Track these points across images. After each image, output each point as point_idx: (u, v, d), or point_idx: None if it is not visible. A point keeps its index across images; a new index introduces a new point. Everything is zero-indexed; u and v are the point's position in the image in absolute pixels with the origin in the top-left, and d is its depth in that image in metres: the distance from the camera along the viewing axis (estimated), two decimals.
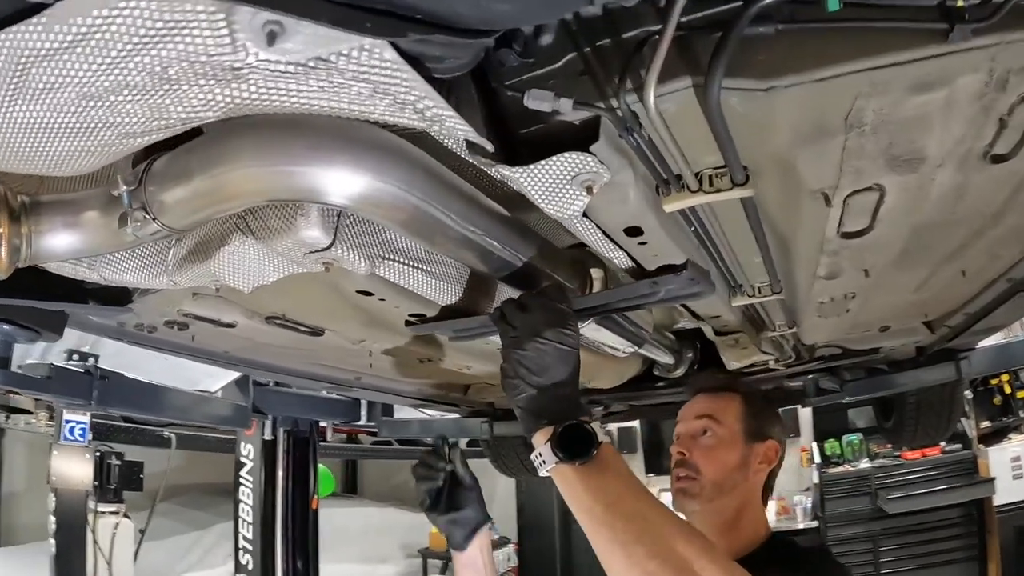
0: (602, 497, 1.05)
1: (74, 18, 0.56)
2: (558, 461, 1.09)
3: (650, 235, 1.09)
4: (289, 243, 1.03)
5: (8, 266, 0.96)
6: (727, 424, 1.61)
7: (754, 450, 1.60)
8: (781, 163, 1.02)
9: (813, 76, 0.82)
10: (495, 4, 0.59)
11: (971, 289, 1.96)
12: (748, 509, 1.56)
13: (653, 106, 0.75)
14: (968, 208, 1.29)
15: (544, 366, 1.10)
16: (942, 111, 0.91)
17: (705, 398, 1.69)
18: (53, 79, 0.64)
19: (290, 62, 0.62)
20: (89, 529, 3.63)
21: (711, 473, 1.55)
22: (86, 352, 3.48)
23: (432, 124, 0.74)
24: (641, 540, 1.00)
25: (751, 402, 1.67)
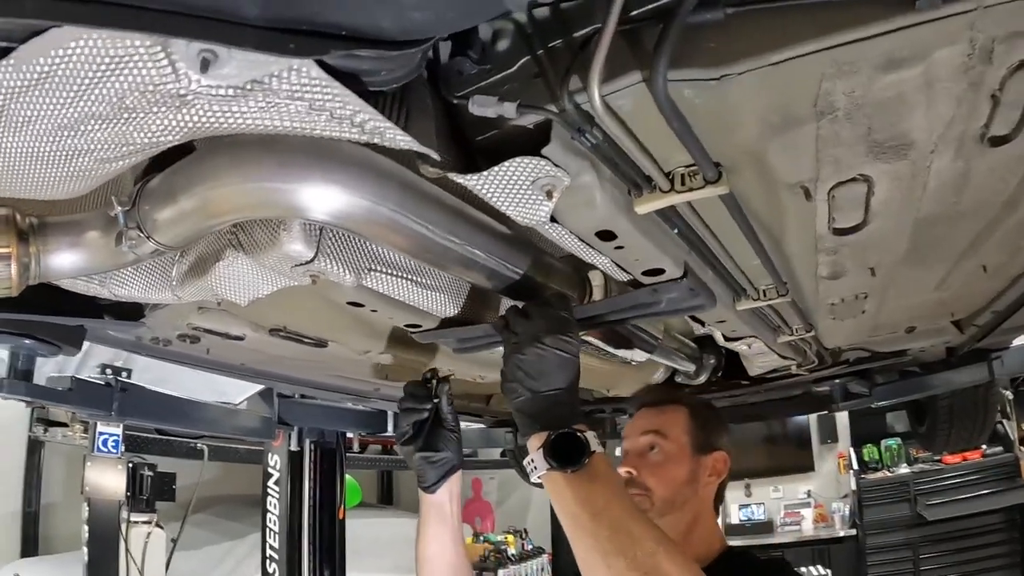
0: (589, 506, 1.06)
1: (36, 58, 0.61)
2: (549, 468, 1.09)
3: (625, 239, 1.07)
4: (275, 257, 1.06)
5: (19, 283, 1.01)
6: (674, 438, 1.59)
7: (702, 463, 1.59)
8: (753, 157, 0.99)
9: (768, 60, 0.77)
10: (413, 15, 0.61)
11: (995, 286, 1.89)
12: (700, 523, 1.55)
13: (599, 104, 0.73)
14: (975, 198, 1.22)
15: (542, 371, 1.11)
16: (923, 90, 0.86)
17: (650, 412, 1.67)
18: (30, 112, 0.70)
19: (229, 86, 0.66)
20: (122, 538, 3.71)
21: (661, 490, 1.53)
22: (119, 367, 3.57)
23: (373, 136, 0.76)
24: (624, 552, 1.00)
25: (697, 414, 1.65)
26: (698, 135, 0.86)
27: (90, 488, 3.72)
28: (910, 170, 1.06)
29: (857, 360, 2.85)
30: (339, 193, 0.82)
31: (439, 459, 1.48)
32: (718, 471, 1.60)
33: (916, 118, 0.92)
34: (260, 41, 0.60)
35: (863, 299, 1.75)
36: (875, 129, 0.94)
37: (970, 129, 0.98)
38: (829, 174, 1.05)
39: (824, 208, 1.16)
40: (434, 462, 1.48)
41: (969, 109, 0.92)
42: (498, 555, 7.48)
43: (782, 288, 1.50)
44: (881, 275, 1.58)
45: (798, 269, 1.49)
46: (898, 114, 0.91)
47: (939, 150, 1.02)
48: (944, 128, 0.96)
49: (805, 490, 8.16)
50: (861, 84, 0.83)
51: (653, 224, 1.08)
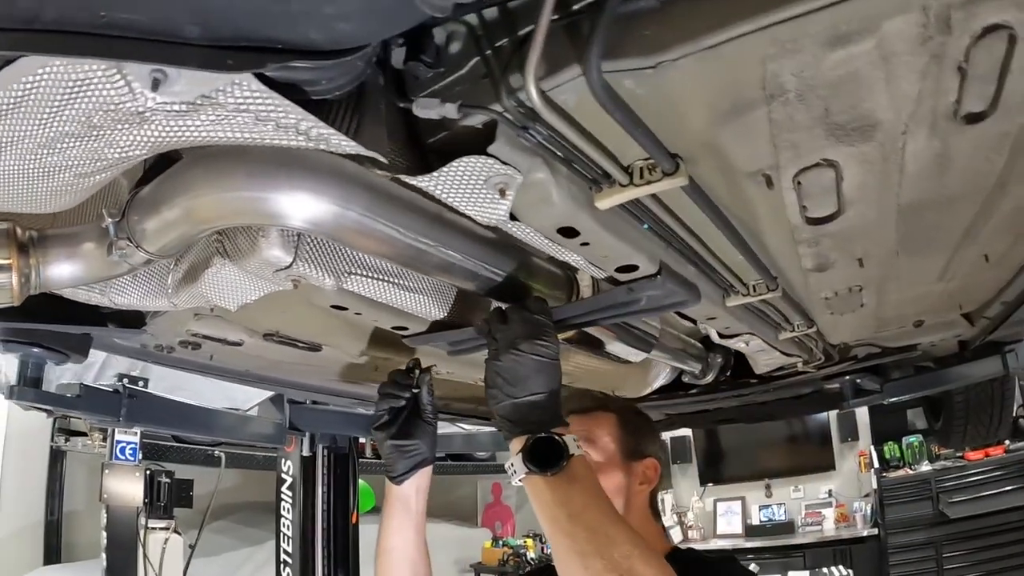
0: (567, 508, 1.06)
1: (10, 84, 0.68)
2: (528, 472, 1.10)
3: (589, 235, 1.07)
4: (256, 263, 1.09)
5: (20, 293, 1.06)
6: (602, 445, 1.54)
7: (633, 469, 1.54)
8: (707, 146, 0.97)
9: (703, 44, 0.75)
10: (338, 26, 0.64)
11: (1002, 276, 1.85)
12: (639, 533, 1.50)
13: (537, 100, 0.74)
14: (961, 180, 1.18)
15: (520, 377, 1.12)
16: (879, 65, 0.82)
17: (577, 419, 1.57)
18: (12, 133, 0.76)
19: (182, 102, 0.71)
20: (140, 544, 3.78)
21: None
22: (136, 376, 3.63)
23: (319, 143, 0.79)
24: (600, 554, 1.01)
25: (627, 420, 1.61)
26: (649, 126, 0.86)
27: (108, 495, 3.80)
28: (880, 153, 1.03)
29: (867, 356, 2.82)
30: (307, 199, 0.85)
31: (410, 449, 1.46)
32: (649, 478, 1.56)
33: (878, 97, 0.89)
34: (202, 59, 0.64)
35: (858, 292, 1.72)
36: (833, 111, 0.91)
37: (941, 106, 0.94)
38: (789, 160, 1.03)
39: (792, 197, 1.14)
40: (405, 451, 1.46)
41: (935, 84, 0.88)
42: (517, 559, 7.48)
43: (771, 283, 1.49)
44: (872, 266, 1.55)
45: (782, 262, 1.47)
46: (856, 93, 0.88)
47: (911, 130, 0.98)
48: (913, 106, 0.92)
49: (826, 489, 8.07)
50: (809, 63, 0.80)
51: (619, 220, 1.09)
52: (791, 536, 7.85)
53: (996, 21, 0.77)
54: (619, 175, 0.94)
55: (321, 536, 3.54)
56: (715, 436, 8.68)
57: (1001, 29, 0.78)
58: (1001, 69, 0.86)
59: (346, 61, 0.70)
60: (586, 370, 2.15)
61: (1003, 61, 0.84)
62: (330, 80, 0.75)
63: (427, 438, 1.48)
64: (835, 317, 1.96)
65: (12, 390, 1.84)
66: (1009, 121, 0.97)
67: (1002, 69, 0.86)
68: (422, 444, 1.47)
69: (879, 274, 1.63)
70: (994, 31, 0.79)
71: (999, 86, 0.89)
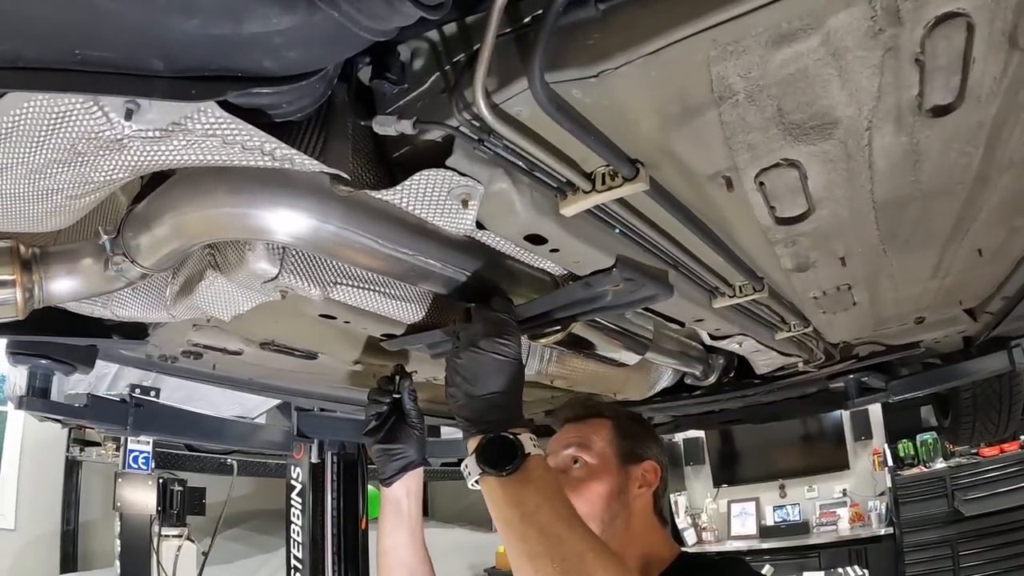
0: (519, 508, 1.04)
1: (1, 117, 0.74)
2: (481, 472, 1.09)
3: (557, 241, 1.08)
4: (244, 275, 1.12)
5: (24, 307, 1.10)
6: (597, 450, 1.54)
7: (631, 473, 1.53)
8: (663, 151, 0.98)
9: (643, 51, 0.75)
10: (288, 54, 0.68)
11: (999, 270, 1.83)
12: (639, 536, 1.49)
13: (487, 113, 0.76)
14: (938, 175, 1.15)
15: (477, 375, 1.11)
16: (829, 62, 0.81)
17: (574, 427, 1.62)
18: (5, 160, 0.82)
19: (155, 129, 0.76)
20: (153, 551, 3.84)
21: (585, 508, 1.42)
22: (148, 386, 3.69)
23: (283, 163, 0.83)
24: (551, 555, 0.98)
25: (622, 425, 1.60)
26: (604, 133, 0.87)
27: (122, 503, 3.88)
28: (843, 151, 1.01)
29: (870, 355, 2.81)
30: (286, 214, 0.89)
31: (397, 452, 1.48)
32: (648, 481, 1.54)
33: (833, 94, 0.87)
34: (168, 90, 0.70)
35: (847, 290, 1.72)
36: (787, 110, 0.90)
37: (904, 100, 0.92)
38: (747, 161, 1.02)
39: (758, 198, 1.13)
40: (392, 455, 1.48)
41: (895, 78, 0.86)
42: None
43: (757, 284, 1.49)
44: (857, 264, 1.54)
45: (762, 263, 1.47)
46: (809, 91, 0.86)
47: (876, 126, 0.96)
48: (873, 102, 0.91)
49: (840, 489, 8.03)
50: (755, 64, 0.80)
51: (588, 225, 1.10)
52: (806, 536, 7.81)
53: (949, 9, 0.76)
54: (582, 182, 0.96)
55: (331, 542, 3.56)
56: (729, 437, 8.65)
57: (957, 17, 0.77)
58: (964, 59, 0.84)
59: (303, 85, 0.73)
60: (585, 374, 2.16)
61: (964, 50, 0.83)
62: (290, 103, 0.78)
63: (413, 441, 1.50)
64: (829, 316, 1.95)
65: (21, 400, 1.89)
66: (981, 111, 0.96)
67: (964, 59, 0.84)
68: (408, 447, 1.49)
69: (867, 272, 1.62)
70: (949, 20, 0.77)
71: (964, 76, 0.87)
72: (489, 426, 1.12)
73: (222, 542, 5.18)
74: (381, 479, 1.51)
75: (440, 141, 0.90)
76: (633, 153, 0.95)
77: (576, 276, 1.24)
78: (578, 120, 0.83)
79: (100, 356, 1.80)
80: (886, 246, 1.47)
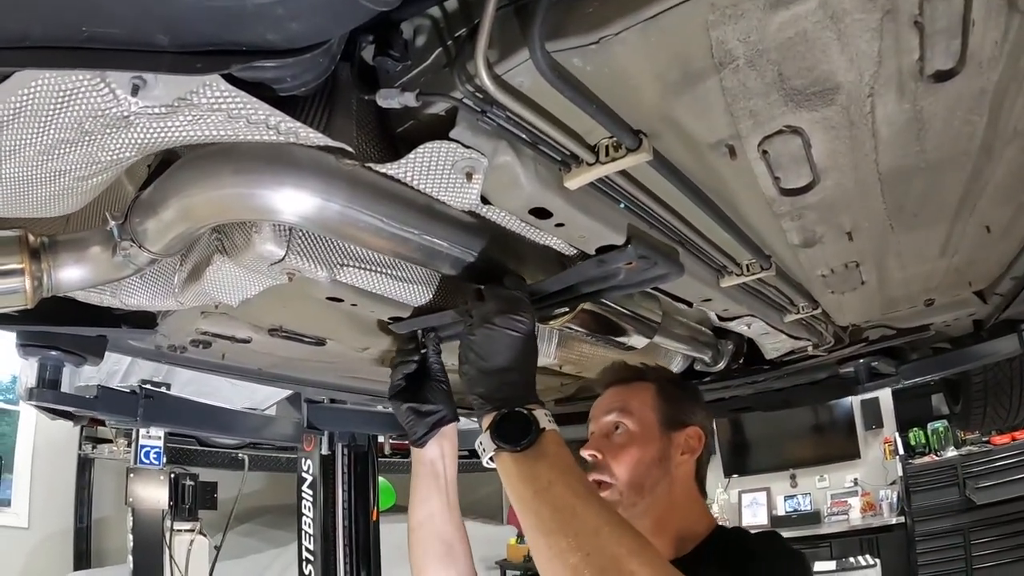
0: (533, 484, 1.03)
1: (9, 96, 0.75)
2: (496, 448, 1.08)
3: (562, 215, 1.08)
4: (251, 257, 1.12)
5: (33, 296, 1.11)
6: (640, 415, 1.50)
7: (673, 440, 1.49)
8: (666, 119, 0.97)
9: (641, 16, 0.75)
10: (291, 26, 0.68)
11: (1008, 248, 1.81)
12: (679, 506, 1.45)
13: (489, 84, 0.76)
14: (942, 144, 1.13)
15: (491, 352, 1.11)
16: (828, 26, 0.80)
17: (616, 391, 1.58)
18: (15, 142, 0.82)
19: (161, 105, 0.77)
20: (166, 546, 3.86)
21: (626, 474, 1.43)
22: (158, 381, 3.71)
23: (289, 136, 0.84)
24: (565, 532, 0.96)
25: (665, 389, 1.56)
26: (605, 103, 0.87)
27: (134, 499, 3.91)
28: (845, 117, 1.01)
29: (880, 338, 2.80)
30: (291, 194, 0.88)
31: (427, 410, 1.44)
32: (692, 448, 1.50)
33: (834, 58, 0.87)
34: (173, 64, 0.70)
35: (855, 268, 1.70)
36: (787, 75, 0.89)
37: (905, 65, 0.91)
38: (750, 128, 1.02)
39: (762, 167, 1.13)
40: (422, 413, 1.44)
41: (895, 42, 0.85)
42: None
43: (764, 262, 1.48)
44: (864, 240, 1.53)
45: (768, 239, 1.46)
46: (809, 56, 0.86)
47: (878, 92, 0.96)
48: (874, 67, 0.90)
49: (851, 478, 8.02)
50: (754, 28, 0.80)
51: (593, 200, 1.10)
52: (817, 526, 7.81)
53: None
54: (585, 155, 0.95)
55: (343, 534, 3.57)
56: (739, 427, 8.65)
57: None
58: (963, 21, 0.84)
59: (306, 58, 0.73)
60: (593, 359, 2.16)
61: (963, 13, 0.82)
62: (294, 77, 0.78)
63: (441, 397, 1.45)
64: (837, 296, 1.94)
65: (31, 392, 1.89)
66: (983, 77, 0.95)
67: (964, 21, 0.84)
68: (438, 403, 1.45)
69: (874, 249, 1.61)
70: None
71: (964, 40, 0.87)
72: (503, 402, 1.10)
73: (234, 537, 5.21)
74: (414, 440, 1.46)
75: (443, 115, 0.90)
76: (636, 123, 0.94)
77: (585, 256, 1.24)
78: (580, 89, 0.83)
79: (109, 347, 1.81)
80: (893, 221, 1.46)
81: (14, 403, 6.54)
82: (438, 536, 1.49)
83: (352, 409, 3.63)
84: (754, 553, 1.31)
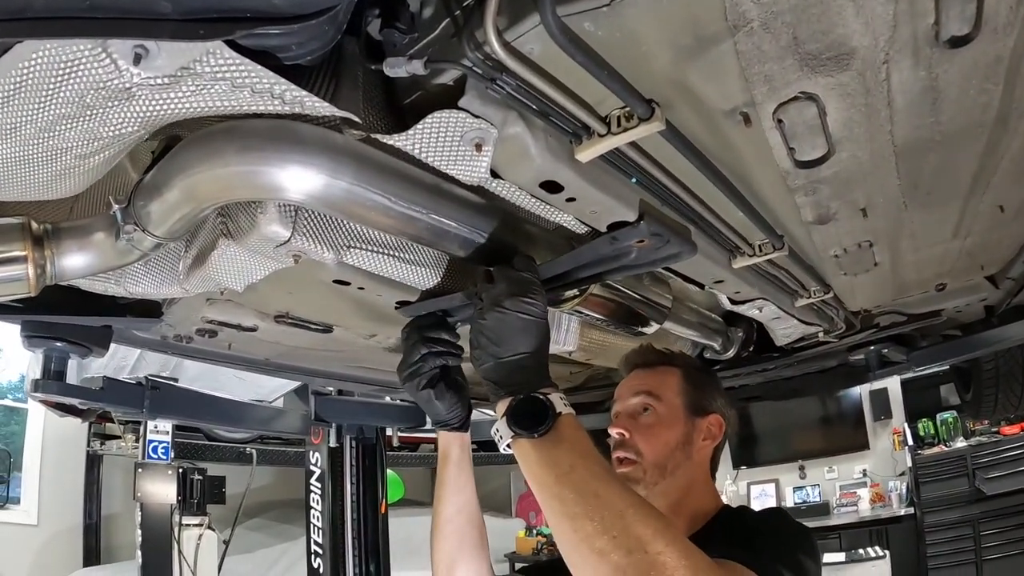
0: (553, 469, 1.01)
1: (9, 71, 0.73)
2: (513, 435, 1.06)
3: (574, 189, 1.06)
4: (256, 239, 1.10)
5: (36, 284, 1.09)
6: (667, 399, 1.53)
7: (697, 425, 1.53)
8: (679, 86, 0.95)
9: None
10: None
11: (1021, 230, 1.78)
12: (695, 488, 1.49)
13: (500, 50, 0.75)
14: (957, 115, 1.10)
15: (504, 336, 1.08)
16: None
17: (642, 373, 1.61)
18: (15, 119, 0.81)
19: (163, 75, 0.76)
20: (174, 541, 3.87)
21: (652, 454, 1.47)
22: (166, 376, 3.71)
23: (294, 106, 0.82)
24: (590, 515, 0.94)
25: (691, 375, 1.59)
26: (616, 69, 0.85)
27: (142, 494, 3.92)
28: (861, 84, 0.99)
29: (891, 324, 2.77)
30: (297, 171, 0.86)
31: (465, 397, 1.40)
32: (713, 435, 1.54)
33: (848, 21, 0.85)
34: (175, 31, 0.69)
35: (868, 248, 1.69)
36: (802, 38, 0.88)
37: (920, 30, 0.89)
38: (765, 95, 1.00)
39: (777, 137, 1.10)
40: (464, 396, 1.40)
41: (909, 5, 0.84)
42: (551, 548, 7.52)
43: (777, 241, 1.46)
44: (879, 218, 1.51)
45: (782, 216, 1.44)
46: (824, 18, 0.85)
47: (893, 59, 0.94)
48: (889, 31, 0.88)
49: (860, 469, 8.01)
50: None
51: (604, 173, 1.07)
52: (826, 518, 7.80)
53: None
54: (597, 125, 0.94)
55: (351, 527, 3.57)
56: (748, 419, 8.62)
57: None
58: None
59: (312, 25, 0.72)
60: (603, 346, 2.14)
61: None
62: (300, 45, 0.77)
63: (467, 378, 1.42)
64: (850, 279, 1.92)
65: (36, 384, 1.88)
66: (999, 43, 0.93)
67: None
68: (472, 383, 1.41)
69: (888, 228, 1.60)
70: None
71: (979, 4, 0.85)
72: (518, 387, 1.08)
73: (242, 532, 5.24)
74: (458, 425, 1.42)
75: (452, 84, 0.88)
76: (648, 92, 0.92)
77: (596, 235, 1.22)
78: (591, 54, 0.81)
79: (115, 338, 1.80)
80: (907, 199, 1.44)
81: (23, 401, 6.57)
82: (475, 524, 1.48)
83: (360, 401, 3.63)
84: (759, 528, 1.33)
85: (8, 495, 6.08)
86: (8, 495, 6.08)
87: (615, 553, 0.90)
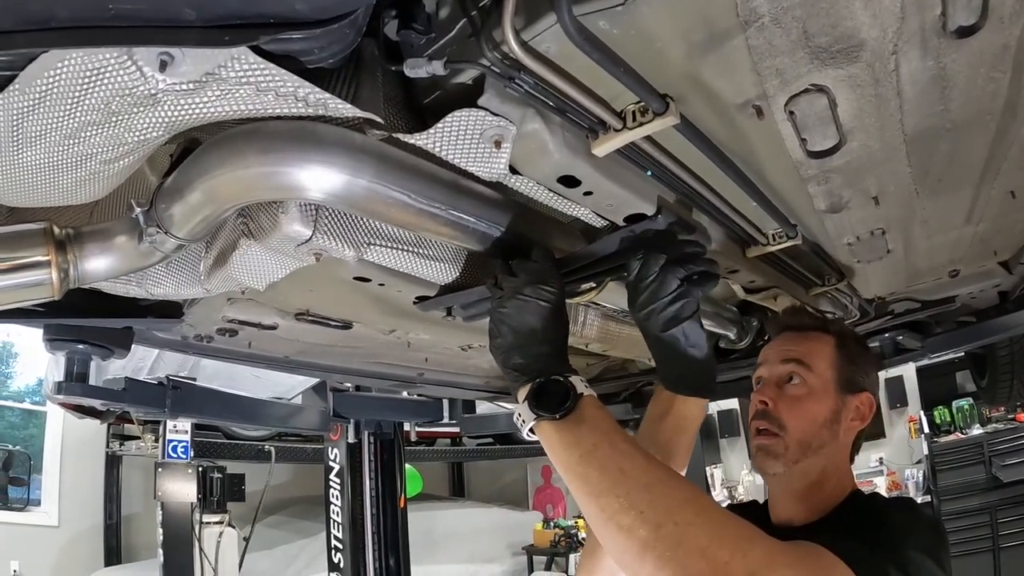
0: (576, 449, 1.01)
1: (35, 80, 0.75)
2: (536, 418, 1.07)
3: (591, 183, 1.08)
4: (278, 239, 1.12)
5: (59, 288, 1.11)
6: (818, 370, 1.37)
7: (847, 403, 1.37)
8: (693, 81, 0.97)
9: None
10: None
11: None
12: (835, 472, 1.36)
13: (517, 49, 0.76)
14: (966, 104, 1.11)
15: (523, 322, 1.10)
16: None
17: (793, 337, 1.44)
18: (39, 128, 0.82)
19: (189, 81, 0.77)
20: (195, 538, 3.92)
21: (797, 430, 1.33)
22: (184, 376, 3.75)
23: (318, 108, 0.84)
24: (616, 492, 0.94)
25: (846, 346, 1.42)
26: (631, 65, 0.87)
27: (163, 493, 3.96)
28: (870, 75, 1.00)
29: (905, 312, 2.77)
30: (317, 170, 0.88)
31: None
32: (862, 415, 1.38)
33: (857, 14, 0.87)
34: (200, 38, 0.70)
35: (881, 236, 1.69)
36: (812, 32, 0.89)
37: (928, 20, 0.90)
38: (776, 88, 1.01)
39: (789, 128, 1.12)
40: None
41: None
42: (569, 540, 7.56)
43: (790, 231, 1.47)
44: (891, 205, 1.51)
45: (795, 205, 1.45)
46: (834, 12, 0.86)
47: (901, 50, 0.95)
48: (897, 23, 0.89)
49: (877, 457, 7.96)
50: None
51: (620, 167, 1.09)
52: None
53: None
54: (613, 120, 0.95)
55: (370, 522, 3.61)
56: None
57: None
58: None
59: (333, 29, 0.74)
60: (621, 337, 2.15)
61: None
62: (322, 49, 0.78)
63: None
64: (863, 266, 1.92)
65: (60, 386, 1.92)
66: (1005, 32, 0.94)
67: None
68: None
69: (900, 215, 1.60)
70: None
71: None
72: (539, 372, 1.09)
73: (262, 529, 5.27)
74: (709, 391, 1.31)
75: (470, 84, 0.90)
76: (662, 87, 0.94)
77: (614, 228, 1.23)
78: (606, 52, 0.83)
79: (136, 339, 1.82)
80: (918, 186, 1.45)
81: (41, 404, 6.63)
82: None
83: (377, 397, 3.66)
84: (885, 522, 1.22)
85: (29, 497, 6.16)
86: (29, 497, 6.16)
87: (643, 528, 0.90)
